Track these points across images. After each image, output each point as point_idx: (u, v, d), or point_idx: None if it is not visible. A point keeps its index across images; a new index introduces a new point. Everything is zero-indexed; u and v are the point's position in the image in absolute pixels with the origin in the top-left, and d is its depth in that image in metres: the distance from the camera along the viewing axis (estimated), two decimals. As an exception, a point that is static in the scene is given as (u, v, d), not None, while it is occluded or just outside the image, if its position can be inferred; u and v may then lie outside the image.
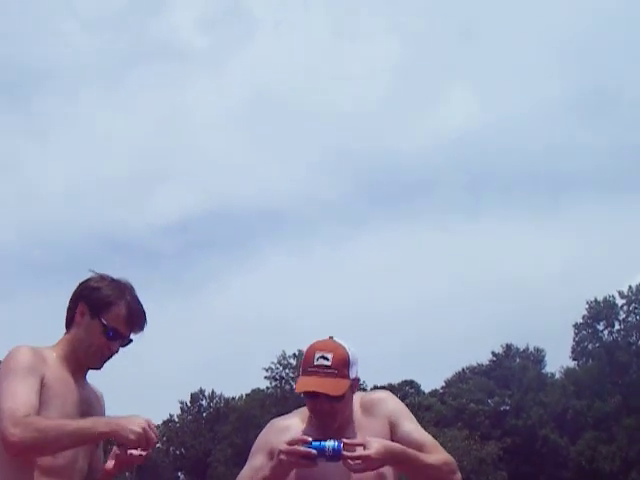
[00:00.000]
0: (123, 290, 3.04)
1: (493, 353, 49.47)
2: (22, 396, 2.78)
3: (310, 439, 2.78)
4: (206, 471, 47.10)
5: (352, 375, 2.95)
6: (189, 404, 53.12)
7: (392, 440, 2.99)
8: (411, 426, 3.10)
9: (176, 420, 52.53)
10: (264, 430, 3.08)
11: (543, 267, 71.78)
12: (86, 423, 2.80)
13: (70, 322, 3.06)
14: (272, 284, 74.19)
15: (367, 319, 68.17)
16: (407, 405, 3.22)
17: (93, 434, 2.79)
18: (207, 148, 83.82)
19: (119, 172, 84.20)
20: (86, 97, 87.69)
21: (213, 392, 52.99)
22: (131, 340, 3.05)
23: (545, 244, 73.65)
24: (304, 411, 3.07)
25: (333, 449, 2.76)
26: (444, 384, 50.57)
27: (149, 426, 2.78)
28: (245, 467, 2.98)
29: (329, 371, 2.89)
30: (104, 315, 2.99)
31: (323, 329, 2.97)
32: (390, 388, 52.86)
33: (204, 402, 53.44)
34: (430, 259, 76.90)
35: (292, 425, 3.04)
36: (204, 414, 52.66)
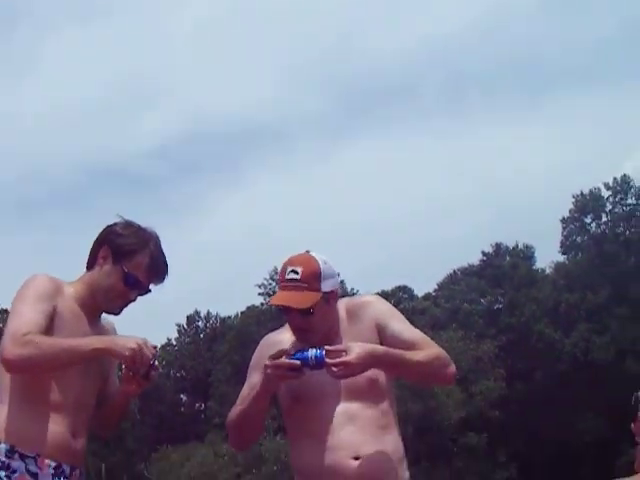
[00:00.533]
0: (148, 240, 3.08)
1: (483, 253, 49.69)
2: (28, 316, 2.85)
3: (293, 351, 2.86)
4: (208, 391, 47.66)
5: (325, 288, 2.96)
6: (186, 326, 53.46)
7: (381, 343, 3.02)
8: (400, 325, 3.11)
9: (174, 343, 52.97)
10: (258, 347, 3.17)
11: (528, 165, 72.03)
12: (82, 340, 2.88)
13: (92, 264, 3.10)
14: (258, 203, 74.30)
15: (356, 229, 68.69)
16: (401, 310, 3.25)
17: (87, 350, 2.85)
18: (184, 67, 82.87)
19: (96, 99, 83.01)
20: (58, 22, 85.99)
21: (209, 313, 53.36)
22: (149, 290, 3.09)
23: (529, 142, 73.85)
24: None
25: (316, 357, 2.81)
26: (437, 287, 50.88)
27: (145, 344, 2.84)
28: (244, 385, 3.09)
29: (297, 284, 2.93)
30: (126, 262, 3.03)
31: (312, 242, 2.97)
32: (383, 295, 52.80)
33: (200, 323, 53.80)
34: (415, 164, 77.10)
35: (284, 339, 3.10)
36: (201, 335, 53.05)
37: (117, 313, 3.13)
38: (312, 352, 2.83)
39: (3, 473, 2.81)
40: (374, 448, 2.94)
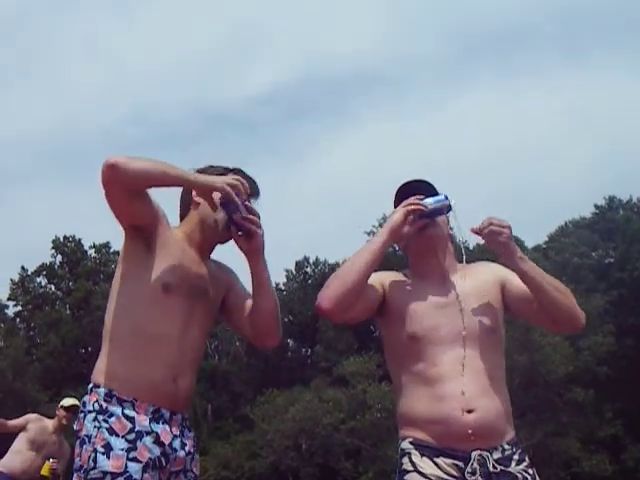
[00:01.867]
0: (228, 169, 3.24)
1: (596, 206, 48.76)
2: None
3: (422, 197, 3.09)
4: (315, 336, 48.14)
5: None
6: (294, 272, 53.92)
7: (503, 300, 3.16)
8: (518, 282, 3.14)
9: (282, 288, 53.50)
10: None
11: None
12: (189, 174, 3.02)
13: (186, 209, 3.24)
14: (370, 148, 74.03)
15: (468, 175, 67.76)
16: None
17: (192, 180, 3.01)
18: (294, 12, 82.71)
19: (208, 45, 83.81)
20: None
21: (317, 259, 53.68)
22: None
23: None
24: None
25: (445, 196, 3.10)
26: (547, 239, 50.12)
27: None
28: None
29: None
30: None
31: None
32: (493, 245, 52.64)
33: (309, 269, 54.20)
34: (529, 111, 75.67)
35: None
36: (309, 281, 53.46)
37: (225, 239, 3.21)
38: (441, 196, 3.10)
39: (100, 417, 2.86)
40: (486, 402, 2.96)
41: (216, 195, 3.05)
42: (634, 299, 41.32)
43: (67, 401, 8.43)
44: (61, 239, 48.99)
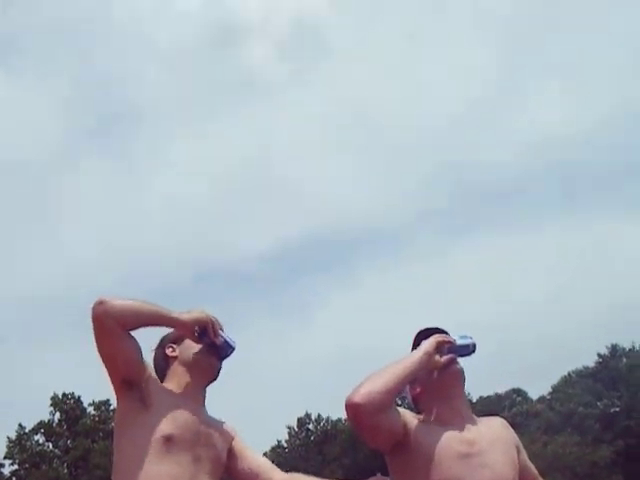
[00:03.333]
0: None
1: (599, 355, 48.65)
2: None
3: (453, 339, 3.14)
4: (319, 494, 47.18)
5: None
6: (297, 429, 53.35)
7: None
8: (526, 455, 3.23)
9: (284, 445, 52.86)
10: None
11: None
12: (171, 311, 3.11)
13: (164, 369, 3.27)
14: (374, 302, 74.22)
15: (467, 328, 67.56)
16: (515, 413, 3.38)
17: (171, 316, 3.10)
18: (295, 177, 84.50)
19: (210, 208, 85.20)
20: (171, 135, 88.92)
21: (319, 415, 53.19)
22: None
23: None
24: None
25: (473, 344, 3.18)
26: (551, 390, 49.85)
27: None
28: None
29: None
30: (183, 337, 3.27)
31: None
32: (497, 397, 52.41)
33: (311, 426, 53.63)
34: (525, 261, 76.27)
35: None
36: (312, 438, 52.80)
37: (215, 374, 3.27)
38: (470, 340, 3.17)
39: None
40: None
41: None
42: (642, 448, 40.74)
43: None
44: (60, 396, 48.60)
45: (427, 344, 3.05)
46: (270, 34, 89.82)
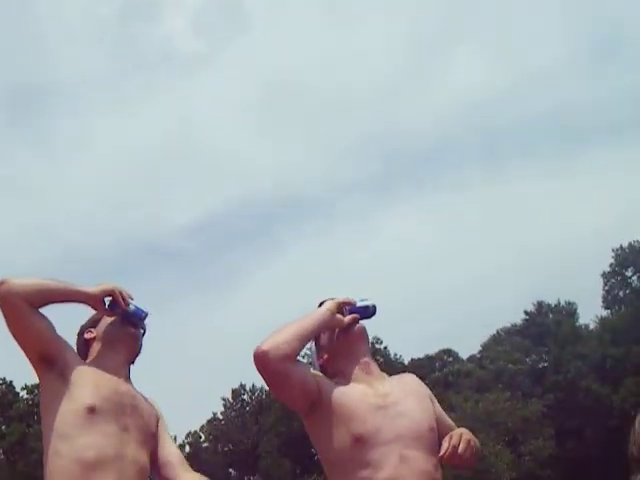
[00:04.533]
0: None
1: (525, 312, 49.43)
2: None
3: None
4: (256, 463, 47.39)
5: None
6: (231, 400, 53.32)
7: None
8: (441, 408, 3.29)
9: (220, 417, 52.75)
10: None
11: (565, 222, 71.79)
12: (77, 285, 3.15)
13: (86, 350, 3.29)
14: (297, 273, 74.28)
15: (398, 294, 68.29)
16: (447, 373, 3.44)
17: (76, 290, 3.13)
18: (218, 149, 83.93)
19: (133, 180, 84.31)
20: (92, 112, 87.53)
21: (254, 386, 53.21)
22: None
23: (566, 199, 73.62)
24: None
25: (373, 306, 3.29)
26: (480, 348, 50.57)
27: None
28: None
29: None
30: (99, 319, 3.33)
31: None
32: (428, 358, 53.00)
33: (246, 397, 53.63)
34: (451, 225, 76.98)
35: None
36: (247, 408, 52.83)
37: (136, 347, 3.33)
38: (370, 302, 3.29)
39: None
40: None
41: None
42: (571, 401, 41.59)
43: None
44: (-10, 382, 47.87)
45: (328, 303, 3.18)
46: (186, 6, 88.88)
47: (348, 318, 3.21)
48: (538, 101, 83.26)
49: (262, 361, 2.91)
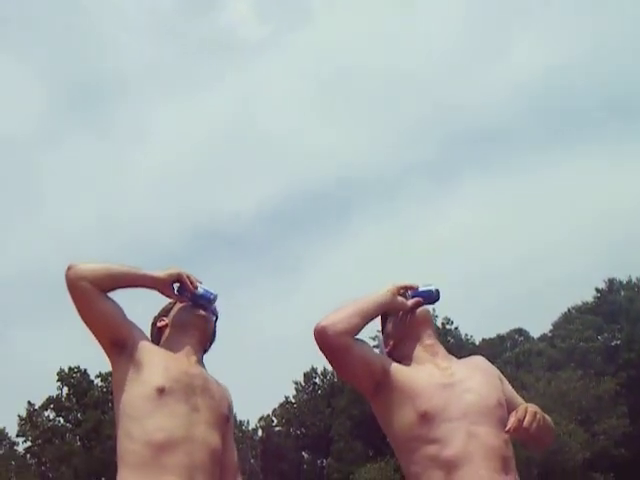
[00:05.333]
0: None
1: (597, 289, 48.81)
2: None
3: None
4: (329, 446, 47.55)
5: None
6: (303, 383, 53.55)
7: None
8: (512, 389, 3.28)
9: (293, 401, 53.00)
10: None
11: (632, 196, 70.59)
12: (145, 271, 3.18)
13: (159, 338, 3.34)
14: (367, 255, 74.18)
15: (467, 275, 67.90)
16: (518, 353, 3.43)
17: (141, 274, 3.17)
18: (282, 135, 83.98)
19: (197, 167, 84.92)
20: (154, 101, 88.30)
21: (325, 369, 53.36)
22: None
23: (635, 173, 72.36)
24: None
25: (437, 290, 3.29)
26: (552, 327, 50.09)
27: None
28: None
29: None
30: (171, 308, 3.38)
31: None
32: (499, 338, 52.61)
33: (317, 380, 53.81)
34: (521, 205, 76.23)
35: None
36: (319, 391, 53.02)
37: (208, 328, 3.34)
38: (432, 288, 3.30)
39: None
40: None
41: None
42: (644, 379, 41.03)
43: None
44: (66, 370, 48.72)
45: (389, 286, 3.20)
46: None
47: (411, 302, 3.22)
48: (601, 80, 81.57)
49: (321, 336, 2.98)
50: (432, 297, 3.29)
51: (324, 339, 2.97)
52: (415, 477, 2.99)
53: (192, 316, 3.27)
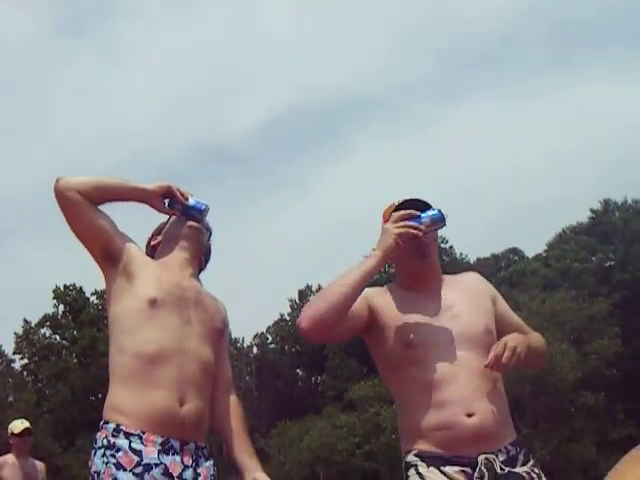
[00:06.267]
0: None
1: (592, 210, 48.86)
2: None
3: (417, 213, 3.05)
4: (324, 364, 48.05)
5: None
6: (298, 301, 53.86)
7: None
8: (507, 306, 3.28)
9: (287, 318, 53.38)
10: None
11: (629, 117, 70.23)
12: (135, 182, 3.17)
13: (154, 251, 3.35)
14: (363, 171, 74.02)
15: (464, 193, 67.87)
16: (512, 272, 3.38)
17: (133, 186, 3.16)
18: (280, 48, 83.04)
19: (198, 84, 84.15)
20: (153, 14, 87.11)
21: (320, 287, 53.60)
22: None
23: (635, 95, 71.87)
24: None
25: (439, 211, 3.08)
26: (546, 247, 50.22)
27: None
28: None
29: None
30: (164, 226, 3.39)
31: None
32: (494, 257, 52.85)
33: (312, 297, 54.00)
34: (519, 124, 75.89)
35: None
36: (313, 309, 53.27)
37: (200, 240, 3.32)
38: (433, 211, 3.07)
39: (108, 452, 2.81)
40: (485, 405, 2.92)
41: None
42: (637, 300, 41.31)
43: (17, 426, 7.81)
44: (61, 288, 48.85)
45: (385, 244, 3.02)
46: None
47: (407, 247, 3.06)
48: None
49: (307, 338, 3.00)
50: (436, 229, 3.15)
51: (312, 340, 3.08)
52: (402, 402, 3.09)
53: (184, 228, 3.25)
